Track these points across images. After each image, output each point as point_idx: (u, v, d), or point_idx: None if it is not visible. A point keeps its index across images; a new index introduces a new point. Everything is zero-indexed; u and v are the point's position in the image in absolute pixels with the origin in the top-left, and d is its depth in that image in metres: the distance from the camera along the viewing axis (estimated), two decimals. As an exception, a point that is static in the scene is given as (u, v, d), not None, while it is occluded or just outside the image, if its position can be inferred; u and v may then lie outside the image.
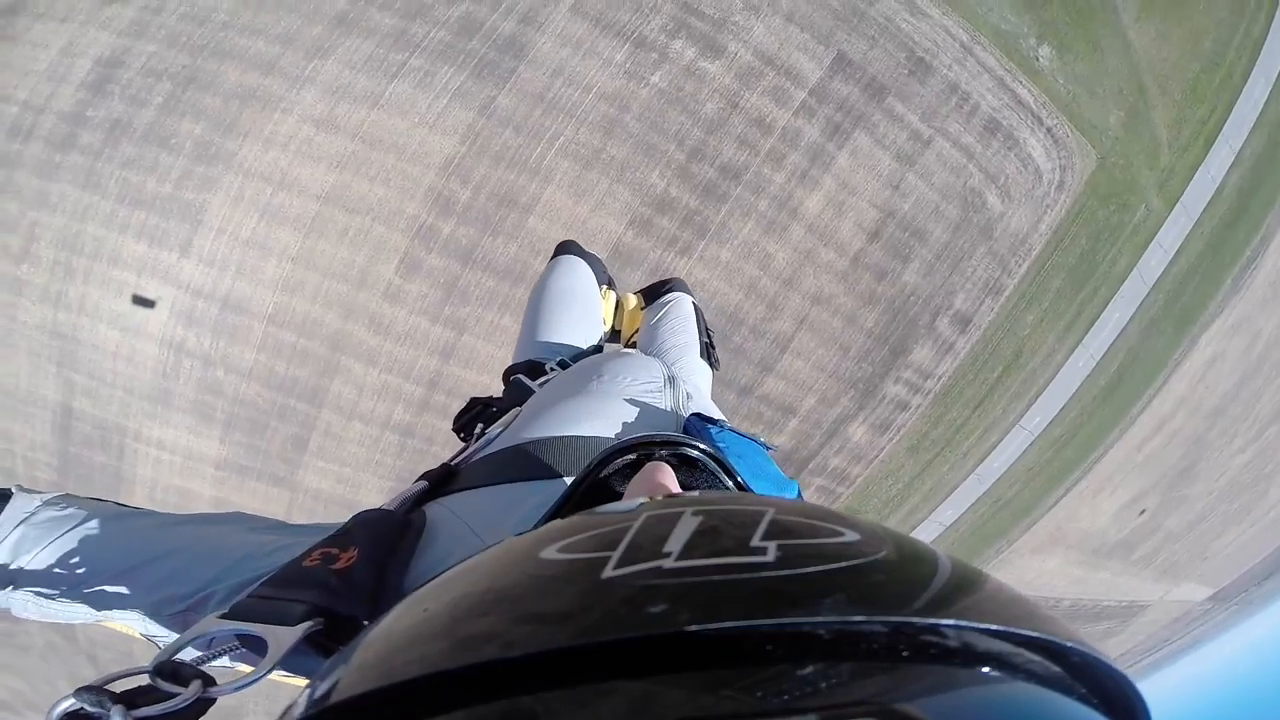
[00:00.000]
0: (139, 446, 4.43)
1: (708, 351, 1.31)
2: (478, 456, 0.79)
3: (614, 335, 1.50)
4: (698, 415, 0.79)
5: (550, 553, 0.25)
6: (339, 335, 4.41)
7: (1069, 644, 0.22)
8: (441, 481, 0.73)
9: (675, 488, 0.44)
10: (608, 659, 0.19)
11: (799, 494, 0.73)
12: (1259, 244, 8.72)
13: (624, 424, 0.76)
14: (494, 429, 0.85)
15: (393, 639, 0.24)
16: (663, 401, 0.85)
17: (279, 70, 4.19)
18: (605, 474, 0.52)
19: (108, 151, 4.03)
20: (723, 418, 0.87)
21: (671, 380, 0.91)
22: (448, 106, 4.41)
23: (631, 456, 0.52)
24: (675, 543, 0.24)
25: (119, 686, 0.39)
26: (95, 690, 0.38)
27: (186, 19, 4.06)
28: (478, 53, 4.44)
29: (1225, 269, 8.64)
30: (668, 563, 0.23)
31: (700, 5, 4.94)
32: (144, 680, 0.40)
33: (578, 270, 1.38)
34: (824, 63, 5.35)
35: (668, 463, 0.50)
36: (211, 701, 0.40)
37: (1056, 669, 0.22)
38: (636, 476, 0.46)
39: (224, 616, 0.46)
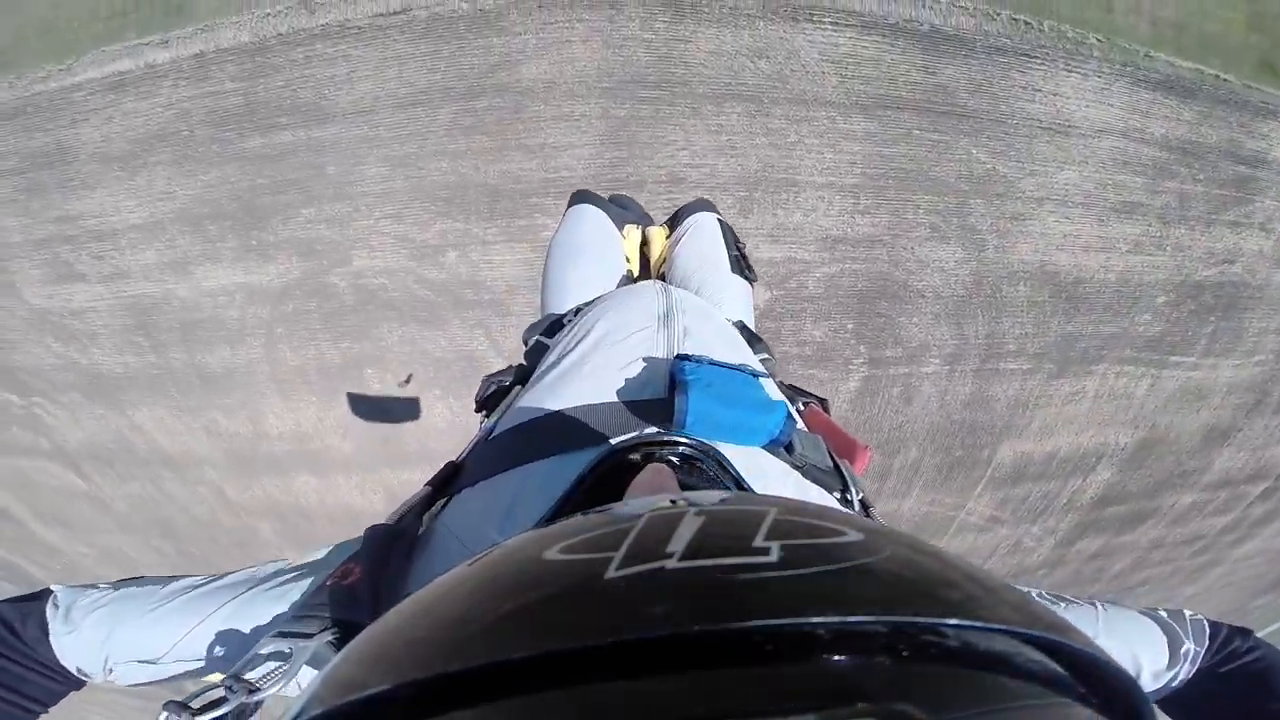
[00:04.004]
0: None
1: (739, 264, 1.25)
2: (484, 443, 0.76)
3: (645, 269, 1.46)
4: (679, 356, 0.75)
5: (553, 553, 0.25)
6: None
7: (1072, 644, 0.22)
8: (446, 482, 0.71)
9: (675, 488, 0.45)
10: (610, 660, 0.19)
11: (786, 412, 0.70)
12: None
13: (614, 388, 0.72)
14: (500, 409, 0.83)
15: (390, 642, 0.24)
16: (656, 346, 0.80)
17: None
18: (609, 468, 0.53)
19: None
20: (733, 337, 0.84)
21: (666, 315, 0.87)
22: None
23: (636, 456, 0.53)
24: (678, 543, 0.24)
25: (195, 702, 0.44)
26: (178, 705, 0.43)
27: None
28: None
29: None
30: (670, 563, 0.23)
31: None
32: (215, 694, 0.45)
33: (586, 216, 1.34)
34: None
35: (669, 462, 0.51)
36: (260, 704, 0.46)
37: (1059, 669, 0.22)
38: (636, 480, 0.47)
39: (273, 635, 0.52)
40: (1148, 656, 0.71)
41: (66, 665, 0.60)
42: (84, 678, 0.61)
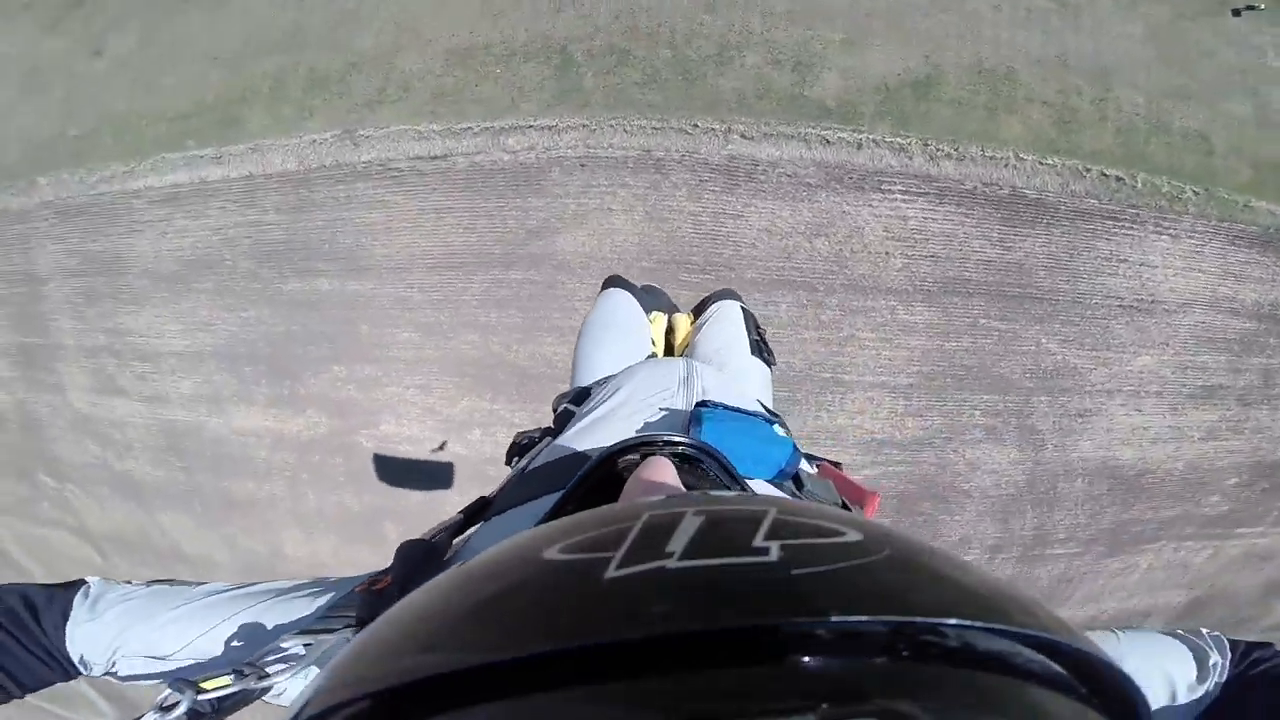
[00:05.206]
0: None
1: (759, 348, 1.32)
2: (514, 479, 0.82)
3: (669, 354, 1.54)
4: (699, 402, 0.80)
5: (552, 553, 0.25)
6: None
7: (1071, 644, 0.22)
8: (476, 512, 0.77)
9: (676, 483, 0.45)
10: (610, 659, 0.19)
11: (793, 446, 0.75)
12: None
13: (636, 430, 0.77)
14: (530, 455, 0.89)
15: (389, 642, 0.24)
16: (678, 402, 0.86)
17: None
18: (615, 471, 0.55)
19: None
20: (753, 408, 0.89)
21: (686, 380, 0.94)
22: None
23: (635, 456, 0.54)
24: (678, 543, 0.24)
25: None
26: (185, 683, 0.46)
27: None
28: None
29: None
30: (670, 563, 0.23)
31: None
32: (225, 679, 0.48)
33: (617, 300, 1.42)
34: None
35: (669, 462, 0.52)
36: (268, 689, 0.49)
37: (1058, 669, 0.22)
38: (634, 474, 0.46)
39: (296, 633, 0.55)
40: (1179, 672, 0.73)
41: (71, 654, 0.62)
42: (82, 669, 0.63)
